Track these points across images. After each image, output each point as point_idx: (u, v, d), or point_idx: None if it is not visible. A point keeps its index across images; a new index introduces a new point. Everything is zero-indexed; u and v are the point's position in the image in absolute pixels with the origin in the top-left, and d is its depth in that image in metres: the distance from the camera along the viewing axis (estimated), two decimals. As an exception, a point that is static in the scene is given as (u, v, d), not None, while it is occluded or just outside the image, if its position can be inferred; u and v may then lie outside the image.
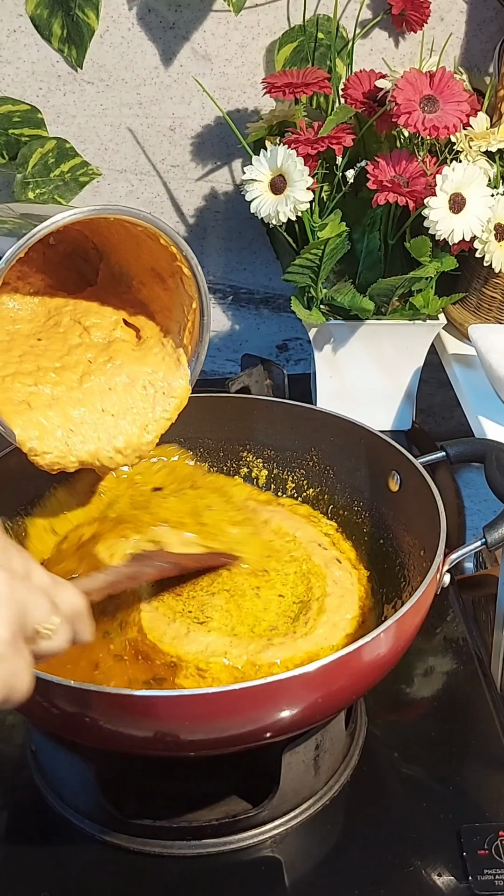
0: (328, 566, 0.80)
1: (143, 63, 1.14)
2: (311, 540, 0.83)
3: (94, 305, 0.80)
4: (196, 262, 0.75)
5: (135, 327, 0.81)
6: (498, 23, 1.15)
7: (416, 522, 0.79)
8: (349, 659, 0.62)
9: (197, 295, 0.76)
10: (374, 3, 1.12)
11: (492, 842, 0.70)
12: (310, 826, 0.72)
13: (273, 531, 0.83)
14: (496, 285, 1.09)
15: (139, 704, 0.60)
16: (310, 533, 0.84)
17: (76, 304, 0.80)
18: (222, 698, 0.59)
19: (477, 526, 0.93)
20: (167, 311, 0.80)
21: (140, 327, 0.80)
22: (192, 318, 0.78)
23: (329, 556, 0.81)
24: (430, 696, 0.85)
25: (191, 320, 0.78)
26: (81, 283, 0.84)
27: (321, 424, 0.88)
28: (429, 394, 1.31)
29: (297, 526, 0.84)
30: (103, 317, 0.80)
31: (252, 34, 1.14)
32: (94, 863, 0.70)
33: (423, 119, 0.96)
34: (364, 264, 1.07)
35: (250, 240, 1.24)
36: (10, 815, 0.74)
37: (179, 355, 0.79)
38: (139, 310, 0.81)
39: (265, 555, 0.80)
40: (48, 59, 1.13)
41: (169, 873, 0.69)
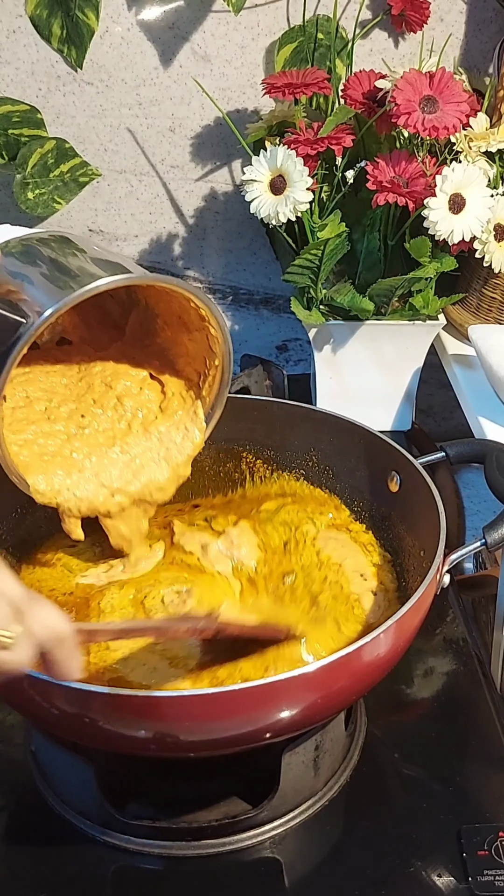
0: (362, 597, 0.78)
1: (143, 63, 1.14)
2: (355, 570, 0.80)
3: (123, 366, 0.81)
4: (226, 325, 0.75)
5: (160, 380, 0.81)
6: (498, 23, 1.15)
7: (416, 523, 0.79)
8: (349, 659, 0.62)
9: (222, 355, 0.77)
10: (373, 4, 1.12)
11: (492, 842, 0.70)
12: (309, 826, 0.72)
13: (321, 561, 0.81)
14: (496, 286, 1.09)
15: (139, 705, 0.60)
16: (358, 562, 0.81)
17: (104, 365, 0.81)
18: (222, 699, 0.59)
19: (477, 526, 0.92)
20: (188, 359, 0.80)
21: (164, 382, 0.81)
22: (213, 374, 0.79)
23: (367, 586, 0.79)
24: (430, 696, 0.85)
25: (212, 375, 0.79)
26: (105, 321, 0.84)
27: (321, 425, 0.88)
28: (429, 394, 1.31)
29: (347, 555, 0.81)
30: (132, 378, 0.80)
31: (252, 35, 1.14)
32: (93, 863, 0.70)
33: (423, 119, 0.96)
34: (364, 265, 1.07)
35: (250, 240, 1.24)
36: (10, 815, 0.74)
37: (197, 408, 0.80)
38: (163, 361, 0.81)
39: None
40: (48, 60, 1.13)
41: (168, 874, 0.69)
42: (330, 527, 0.84)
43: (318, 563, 0.80)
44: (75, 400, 0.79)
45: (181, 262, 1.25)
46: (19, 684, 0.61)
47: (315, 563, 0.80)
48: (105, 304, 0.82)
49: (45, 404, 0.78)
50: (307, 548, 0.81)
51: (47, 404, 0.78)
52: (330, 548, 0.81)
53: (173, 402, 0.80)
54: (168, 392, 0.81)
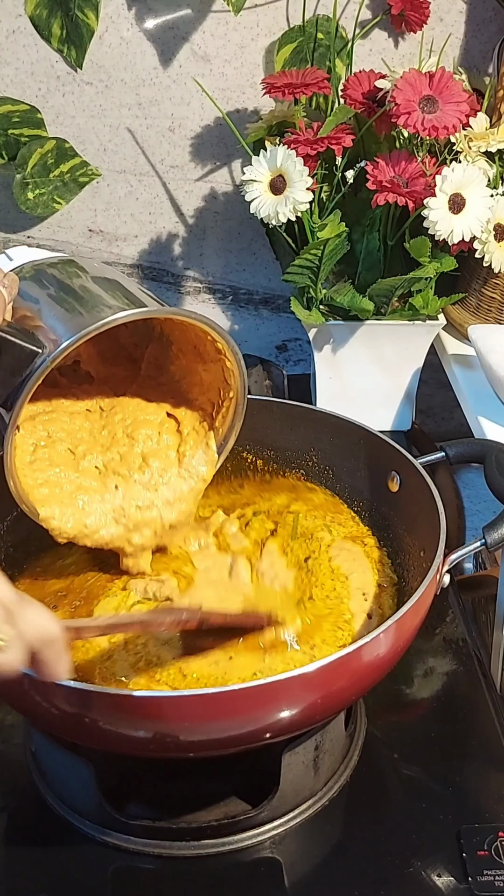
0: (356, 617, 0.77)
1: (143, 63, 1.14)
2: (359, 587, 0.79)
3: (141, 411, 0.81)
4: (241, 360, 0.75)
5: (175, 419, 0.81)
6: (497, 23, 1.15)
7: (416, 523, 0.79)
8: (349, 659, 0.62)
9: (236, 389, 0.77)
10: (373, 4, 1.12)
11: (491, 843, 0.70)
12: (309, 827, 0.72)
13: (330, 570, 0.80)
14: (496, 286, 1.09)
15: (139, 705, 0.60)
16: (365, 580, 0.80)
17: (125, 412, 0.81)
18: (222, 699, 0.59)
19: (477, 526, 0.92)
20: (202, 388, 0.80)
21: (180, 420, 0.81)
22: (227, 406, 0.79)
23: (365, 607, 0.78)
24: (430, 696, 0.85)
25: (226, 407, 0.79)
26: (119, 354, 0.83)
27: (321, 425, 0.88)
28: (428, 394, 1.31)
29: (356, 569, 0.80)
30: (151, 425, 0.80)
31: (251, 35, 1.14)
32: (93, 863, 0.70)
33: (423, 119, 0.96)
34: (363, 265, 1.07)
35: (250, 240, 1.24)
36: (9, 815, 0.74)
37: (209, 439, 0.80)
38: (178, 396, 0.81)
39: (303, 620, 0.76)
40: (48, 60, 1.13)
41: (168, 874, 0.69)
42: (346, 538, 0.83)
43: (329, 572, 0.79)
44: (101, 452, 0.79)
45: (181, 262, 1.25)
46: (19, 684, 0.61)
47: (327, 572, 0.79)
48: (119, 336, 0.82)
49: (67, 445, 0.78)
50: (322, 556, 0.81)
51: (70, 446, 0.78)
52: (341, 558, 0.80)
53: (189, 441, 0.81)
54: (184, 430, 0.81)
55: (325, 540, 0.82)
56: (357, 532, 0.85)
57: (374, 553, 0.83)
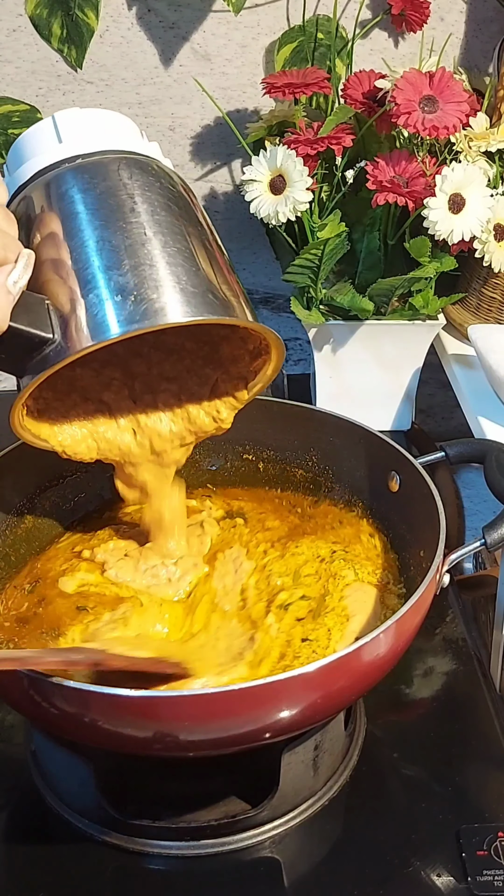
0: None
1: (143, 63, 1.14)
2: (354, 630, 0.73)
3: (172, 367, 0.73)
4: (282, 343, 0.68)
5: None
6: (498, 23, 1.15)
7: (416, 523, 0.78)
8: (349, 659, 0.62)
9: (271, 375, 0.70)
10: (373, 3, 1.12)
11: (491, 843, 0.70)
12: (309, 826, 0.72)
13: (337, 607, 0.75)
14: (496, 285, 1.09)
15: (138, 705, 0.60)
16: (366, 628, 0.73)
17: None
18: (222, 698, 0.59)
19: (476, 526, 0.92)
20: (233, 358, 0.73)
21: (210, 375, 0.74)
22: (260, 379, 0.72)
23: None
24: (430, 696, 0.85)
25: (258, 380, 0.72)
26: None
27: (321, 425, 0.88)
28: (428, 394, 1.31)
29: (359, 611, 0.75)
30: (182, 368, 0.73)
31: (252, 34, 1.14)
32: (93, 863, 0.70)
33: (423, 119, 0.96)
34: (363, 264, 1.07)
35: (250, 240, 1.24)
36: (9, 815, 0.74)
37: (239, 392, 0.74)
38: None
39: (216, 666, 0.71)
40: (48, 59, 1.13)
41: (168, 874, 0.69)
42: (368, 581, 0.78)
43: (335, 615, 0.74)
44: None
45: (181, 261, 1.25)
46: (19, 684, 0.61)
47: (336, 608, 0.75)
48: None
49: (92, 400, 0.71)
50: (336, 593, 0.77)
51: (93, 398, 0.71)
52: (352, 598, 0.76)
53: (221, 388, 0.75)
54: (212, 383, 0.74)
55: (347, 579, 0.77)
56: (389, 581, 0.80)
57: (391, 601, 0.77)
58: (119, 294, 0.55)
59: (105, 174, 0.57)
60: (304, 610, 0.75)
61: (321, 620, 0.73)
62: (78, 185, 0.57)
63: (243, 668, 0.69)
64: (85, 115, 0.59)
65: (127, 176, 0.57)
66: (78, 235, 0.56)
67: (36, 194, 0.58)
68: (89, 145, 0.58)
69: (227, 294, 0.59)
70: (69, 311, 0.56)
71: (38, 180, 0.58)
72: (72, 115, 0.59)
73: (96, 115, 0.60)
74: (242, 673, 0.69)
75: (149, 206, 0.57)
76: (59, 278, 0.56)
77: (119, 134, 0.60)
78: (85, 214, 0.56)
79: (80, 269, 0.56)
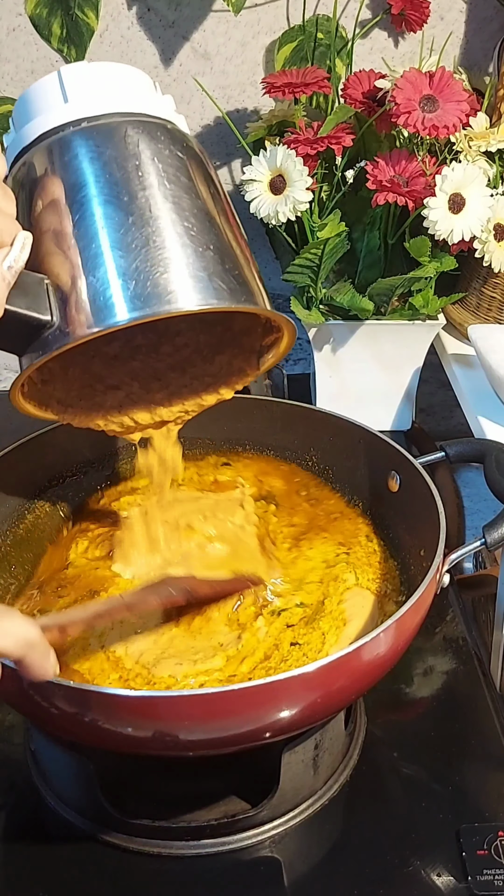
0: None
1: (143, 62, 1.14)
2: (349, 636, 0.73)
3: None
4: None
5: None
6: (498, 22, 1.15)
7: (416, 523, 0.78)
8: (349, 659, 0.62)
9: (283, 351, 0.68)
10: (373, 3, 1.12)
11: (491, 842, 0.70)
12: (309, 826, 0.72)
13: (335, 611, 0.75)
14: (495, 285, 1.09)
15: (138, 705, 0.60)
16: (362, 633, 0.73)
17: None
18: (221, 698, 0.59)
19: (476, 526, 0.92)
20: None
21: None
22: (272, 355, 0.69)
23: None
24: (430, 695, 0.85)
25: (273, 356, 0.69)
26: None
27: (321, 424, 0.88)
28: (428, 394, 1.31)
29: (356, 615, 0.75)
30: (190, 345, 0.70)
31: (252, 33, 1.13)
32: (92, 863, 0.70)
33: (423, 119, 0.96)
34: (363, 264, 1.07)
35: (249, 240, 1.23)
36: (9, 814, 0.74)
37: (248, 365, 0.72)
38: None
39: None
40: (48, 59, 1.13)
41: (168, 873, 0.69)
42: (367, 588, 0.78)
43: (332, 619, 0.74)
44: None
45: (181, 261, 1.25)
46: (19, 684, 0.61)
47: (333, 612, 0.75)
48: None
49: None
50: (335, 596, 0.77)
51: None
52: (351, 602, 0.76)
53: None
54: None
55: (348, 582, 0.78)
56: (389, 588, 0.80)
57: (389, 607, 0.77)
58: (123, 277, 0.52)
59: (112, 141, 0.53)
60: (296, 617, 0.74)
61: (316, 625, 0.73)
62: (82, 152, 0.53)
63: (220, 660, 0.70)
64: (93, 71, 0.55)
65: (135, 143, 0.54)
66: (81, 209, 0.53)
67: (38, 159, 0.55)
68: (96, 106, 0.54)
69: (238, 276, 0.56)
70: (69, 292, 0.53)
71: (41, 143, 0.55)
72: (79, 70, 0.55)
73: (105, 70, 0.56)
74: (219, 664, 0.69)
75: (158, 178, 0.54)
76: (61, 253, 0.53)
77: (129, 92, 0.56)
78: (89, 186, 0.53)
79: (83, 246, 0.53)
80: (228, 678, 0.69)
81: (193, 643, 0.72)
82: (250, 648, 0.71)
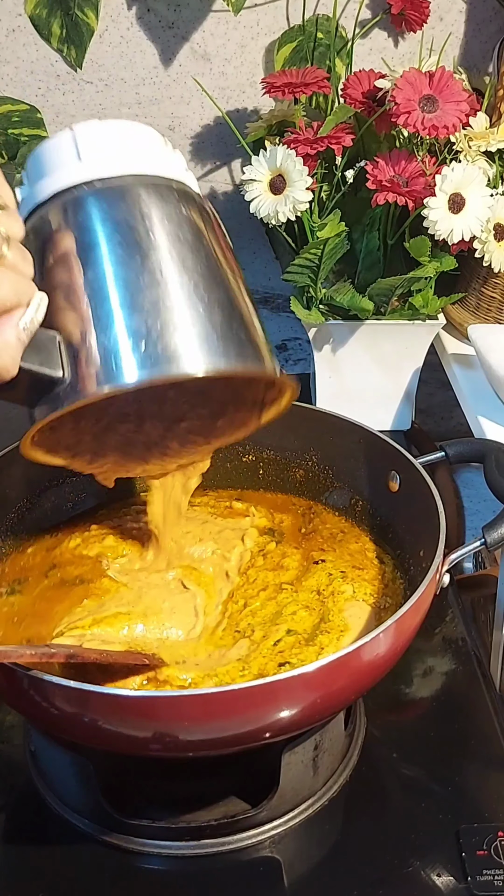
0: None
1: (143, 63, 1.14)
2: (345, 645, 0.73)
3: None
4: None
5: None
6: (497, 23, 1.15)
7: (416, 523, 0.78)
8: (348, 659, 0.62)
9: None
10: (373, 3, 1.12)
11: (491, 842, 0.70)
12: (309, 826, 0.72)
13: (337, 623, 0.75)
14: (495, 285, 1.09)
15: (138, 705, 0.60)
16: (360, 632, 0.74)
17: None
18: (221, 698, 0.59)
19: (476, 526, 0.92)
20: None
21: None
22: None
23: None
24: (430, 696, 0.85)
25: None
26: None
27: (320, 425, 0.88)
28: (428, 394, 1.31)
29: (353, 626, 0.74)
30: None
31: (251, 34, 1.13)
32: (92, 863, 0.70)
33: (423, 119, 0.96)
34: (363, 264, 1.07)
35: (249, 240, 1.24)
36: (9, 815, 0.74)
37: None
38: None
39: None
40: (47, 59, 1.13)
41: (168, 873, 0.69)
42: (364, 600, 0.77)
43: (338, 630, 0.73)
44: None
45: (181, 261, 1.25)
46: (19, 684, 0.61)
47: (335, 623, 0.74)
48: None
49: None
50: (336, 605, 0.76)
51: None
52: (349, 612, 0.75)
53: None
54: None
55: (346, 594, 0.77)
56: (389, 599, 0.79)
57: (385, 616, 0.76)
58: (134, 338, 0.54)
59: (124, 202, 0.56)
60: (289, 644, 0.73)
61: (316, 640, 0.72)
62: (95, 212, 0.56)
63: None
64: (105, 130, 0.58)
65: (146, 204, 0.56)
66: (93, 268, 0.55)
67: (53, 217, 0.57)
68: (109, 166, 0.57)
69: (245, 337, 0.58)
70: (81, 349, 0.54)
71: (55, 201, 0.57)
72: (92, 129, 0.57)
73: (116, 129, 0.58)
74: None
75: (168, 238, 0.56)
76: (73, 310, 0.55)
77: (140, 151, 0.58)
78: (101, 246, 0.55)
79: (95, 305, 0.54)
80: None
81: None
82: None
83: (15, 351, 0.52)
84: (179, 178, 0.59)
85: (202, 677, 0.68)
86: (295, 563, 0.81)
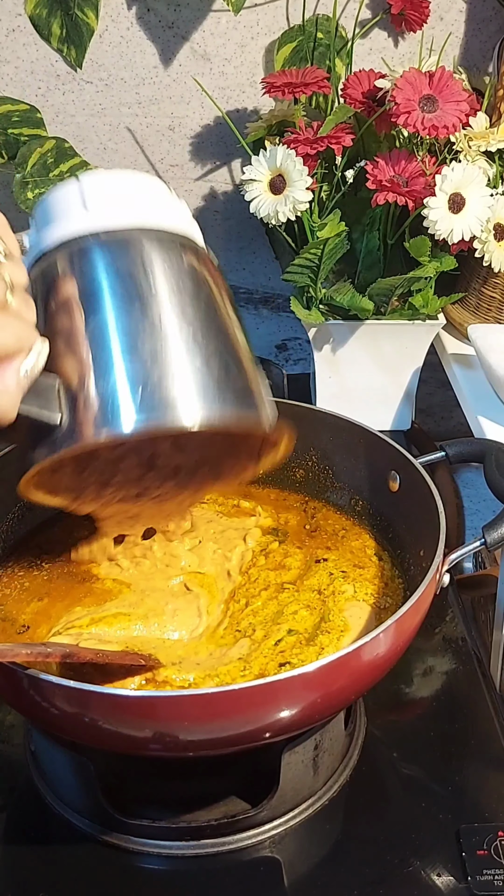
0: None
1: (143, 62, 1.14)
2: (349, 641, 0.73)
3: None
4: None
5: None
6: (497, 22, 1.15)
7: (416, 522, 0.78)
8: (348, 659, 0.62)
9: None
10: (373, 3, 1.12)
11: (491, 842, 0.70)
12: (309, 826, 0.72)
13: (338, 623, 0.75)
14: (495, 285, 1.09)
15: (138, 705, 0.60)
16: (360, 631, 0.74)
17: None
18: (221, 698, 0.59)
19: (476, 526, 0.92)
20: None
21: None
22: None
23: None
24: (430, 696, 0.85)
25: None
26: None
27: (320, 424, 0.88)
28: (428, 394, 1.31)
29: (354, 626, 0.74)
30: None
31: (251, 34, 1.13)
32: (92, 863, 0.70)
33: (423, 119, 0.96)
34: (363, 264, 1.07)
35: (249, 240, 1.24)
36: (9, 815, 0.74)
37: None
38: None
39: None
40: (47, 59, 1.13)
41: (168, 873, 0.69)
42: (364, 601, 0.77)
43: (338, 631, 0.73)
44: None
45: (181, 261, 1.25)
46: (19, 684, 0.61)
47: (336, 623, 0.74)
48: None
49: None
50: (337, 605, 0.76)
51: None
52: (349, 612, 0.76)
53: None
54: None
55: (347, 593, 0.77)
56: (389, 599, 0.79)
57: (385, 615, 0.76)
58: (132, 388, 0.55)
59: (128, 254, 0.58)
60: (290, 644, 0.73)
61: (317, 640, 0.72)
62: (99, 263, 0.57)
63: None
64: (111, 181, 0.60)
65: (149, 256, 0.58)
66: (95, 317, 0.56)
67: (58, 264, 0.58)
68: (114, 217, 0.58)
69: (243, 389, 0.59)
70: (79, 395, 0.56)
71: (61, 249, 0.58)
72: (98, 180, 0.59)
73: (123, 181, 0.60)
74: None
75: (168, 292, 0.57)
76: (73, 356, 0.56)
77: (144, 203, 0.60)
78: (104, 296, 0.57)
79: (96, 353, 0.56)
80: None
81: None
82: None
83: (15, 396, 0.53)
84: (183, 230, 0.61)
85: (203, 677, 0.68)
86: (297, 563, 0.81)
